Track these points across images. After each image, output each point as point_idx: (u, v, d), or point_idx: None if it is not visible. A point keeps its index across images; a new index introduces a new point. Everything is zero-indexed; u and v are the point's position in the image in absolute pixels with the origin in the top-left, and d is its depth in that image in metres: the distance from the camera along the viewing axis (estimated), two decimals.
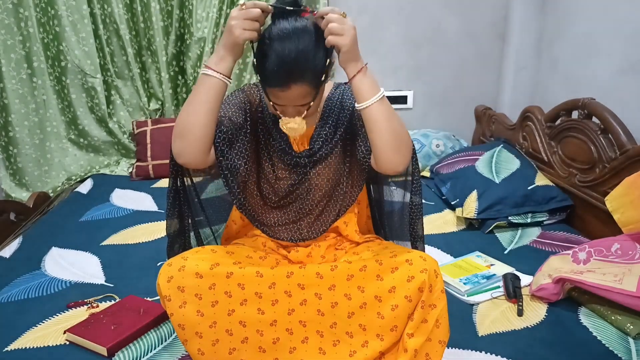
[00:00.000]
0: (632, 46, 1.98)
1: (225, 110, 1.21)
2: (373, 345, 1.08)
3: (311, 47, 1.05)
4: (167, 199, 1.32)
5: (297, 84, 1.06)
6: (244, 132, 1.22)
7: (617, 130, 1.78)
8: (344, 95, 1.27)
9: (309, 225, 1.28)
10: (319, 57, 1.06)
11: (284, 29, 1.05)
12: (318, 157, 1.24)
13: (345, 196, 1.28)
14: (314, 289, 1.10)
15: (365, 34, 2.88)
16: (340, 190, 1.28)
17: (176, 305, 1.06)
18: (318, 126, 1.25)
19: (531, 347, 1.28)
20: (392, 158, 1.13)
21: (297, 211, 1.27)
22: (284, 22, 1.06)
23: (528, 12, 2.70)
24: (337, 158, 1.26)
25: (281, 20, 1.06)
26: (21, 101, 2.68)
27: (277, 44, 1.04)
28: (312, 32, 1.06)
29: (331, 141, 1.25)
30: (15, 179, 2.77)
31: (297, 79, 1.05)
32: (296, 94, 1.08)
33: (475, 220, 2.03)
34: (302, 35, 1.04)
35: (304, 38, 1.04)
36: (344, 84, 1.30)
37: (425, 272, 1.05)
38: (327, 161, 1.25)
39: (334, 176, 1.27)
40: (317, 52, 1.06)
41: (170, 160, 1.27)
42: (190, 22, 2.76)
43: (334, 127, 1.25)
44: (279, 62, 1.03)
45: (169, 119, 2.87)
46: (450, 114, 3.06)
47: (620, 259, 1.41)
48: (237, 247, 1.27)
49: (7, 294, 1.58)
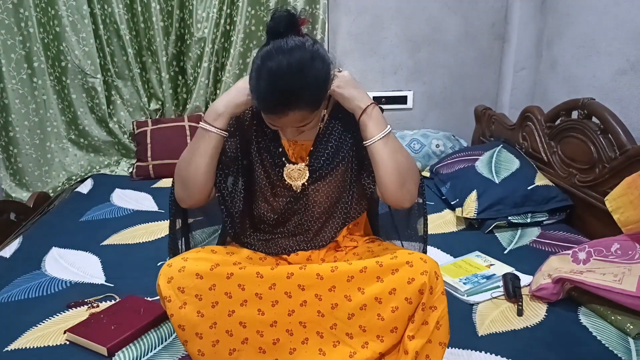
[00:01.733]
0: (632, 46, 1.98)
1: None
2: (373, 347, 1.08)
3: (308, 74, 0.99)
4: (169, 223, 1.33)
5: (293, 111, 1.02)
6: (239, 160, 1.24)
7: (617, 130, 1.78)
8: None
9: (307, 240, 1.28)
10: (318, 83, 1.02)
11: (278, 49, 0.99)
12: (317, 176, 1.22)
13: (347, 213, 1.27)
14: (314, 290, 1.09)
15: (365, 34, 2.89)
16: (340, 207, 1.27)
17: (176, 306, 1.07)
18: (319, 141, 1.23)
19: (531, 347, 1.28)
20: (397, 193, 1.14)
21: (295, 227, 1.27)
22: (280, 42, 1.00)
23: (528, 13, 2.70)
24: (339, 175, 1.24)
25: (278, 40, 1.01)
26: (21, 101, 2.68)
27: (272, 70, 0.98)
28: (308, 54, 1.00)
29: (332, 160, 1.22)
30: (16, 179, 2.77)
31: (293, 106, 1.01)
32: (293, 120, 1.05)
33: (475, 220, 2.03)
34: (298, 60, 0.98)
35: (300, 64, 0.98)
36: None
37: (426, 274, 1.05)
38: (328, 178, 1.23)
39: (334, 193, 1.25)
40: (315, 78, 1.01)
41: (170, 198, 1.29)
42: (190, 23, 2.76)
43: (336, 145, 1.22)
44: (272, 88, 0.99)
45: (169, 119, 2.88)
46: (450, 114, 3.06)
47: (620, 259, 1.41)
48: (237, 248, 1.27)
49: (7, 294, 1.58)
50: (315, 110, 1.06)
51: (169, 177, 2.75)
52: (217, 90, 2.91)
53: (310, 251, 1.28)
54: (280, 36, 1.02)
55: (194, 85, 2.88)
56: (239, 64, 2.84)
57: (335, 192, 1.26)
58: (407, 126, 2.97)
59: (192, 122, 2.84)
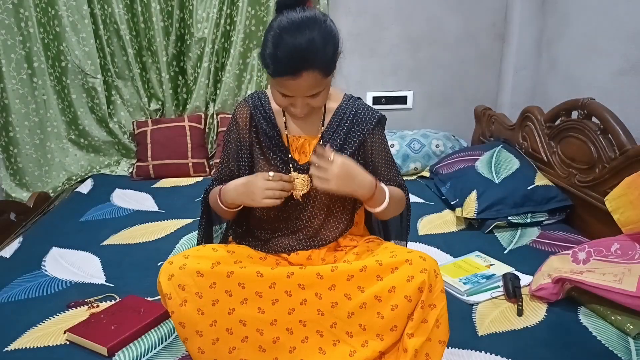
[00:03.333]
0: (632, 46, 1.99)
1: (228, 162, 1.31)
2: (373, 345, 1.08)
3: (321, 35, 1.06)
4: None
5: (308, 72, 1.06)
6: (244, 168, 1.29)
7: (617, 131, 1.78)
8: (358, 112, 1.27)
9: (308, 238, 1.28)
10: (329, 46, 1.08)
11: (293, 18, 1.06)
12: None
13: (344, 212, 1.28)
14: (314, 288, 1.10)
15: (365, 34, 2.89)
16: (339, 206, 1.28)
17: (177, 304, 1.07)
18: (325, 137, 1.25)
19: (531, 347, 1.28)
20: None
21: (295, 223, 1.27)
22: (292, 12, 1.07)
23: (528, 13, 2.70)
24: None
25: (289, 11, 1.08)
26: (21, 101, 2.68)
27: (288, 33, 1.05)
28: (320, 21, 1.07)
29: None
30: (16, 179, 2.77)
31: (308, 67, 1.06)
32: (307, 83, 1.08)
33: (475, 220, 2.03)
34: (311, 25, 1.05)
35: (313, 27, 1.05)
36: (356, 98, 1.31)
37: (425, 272, 1.05)
38: None
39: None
40: (326, 40, 1.07)
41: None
42: (190, 23, 2.77)
43: (341, 144, 1.24)
44: (290, 51, 1.04)
45: (169, 119, 2.88)
46: (450, 114, 3.06)
47: (620, 259, 1.41)
48: (238, 247, 1.27)
49: (7, 294, 1.58)
50: (327, 75, 1.10)
51: (169, 177, 2.75)
52: (217, 90, 2.91)
53: (311, 250, 1.28)
54: (290, 8, 1.08)
55: (194, 85, 2.88)
56: (239, 64, 2.84)
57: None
58: (407, 126, 2.97)
59: (192, 122, 2.85)
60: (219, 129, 2.90)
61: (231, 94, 2.89)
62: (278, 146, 1.25)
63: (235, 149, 1.30)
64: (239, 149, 1.29)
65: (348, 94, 1.31)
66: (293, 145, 1.26)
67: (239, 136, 1.29)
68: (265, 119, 1.26)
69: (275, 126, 1.26)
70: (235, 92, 2.90)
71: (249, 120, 1.27)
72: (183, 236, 1.97)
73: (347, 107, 1.27)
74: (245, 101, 1.30)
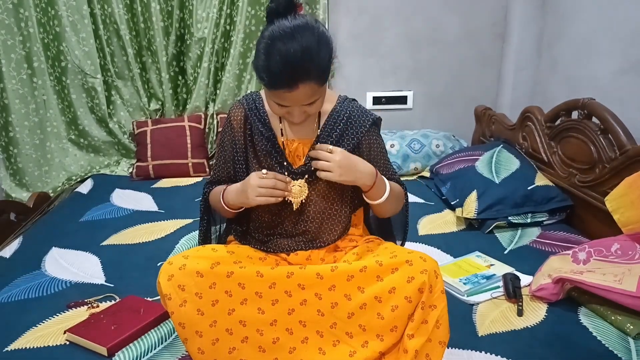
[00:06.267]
0: (632, 46, 1.98)
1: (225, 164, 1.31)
2: (373, 346, 1.08)
3: (314, 43, 1.03)
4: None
5: (304, 83, 1.04)
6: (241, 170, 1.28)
7: (617, 130, 1.78)
8: (352, 114, 1.26)
9: (306, 241, 1.28)
10: (324, 54, 1.06)
11: (284, 27, 1.03)
12: (314, 178, 1.22)
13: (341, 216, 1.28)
14: (314, 289, 1.10)
15: (365, 34, 2.89)
16: (336, 209, 1.28)
17: (176, 304, 1.07)
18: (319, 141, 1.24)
19: (531, 347, 1.28)
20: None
21: (292, 227, 1.27)
22: (283, 21, 1.05)
23: (528, 12, 2.70)
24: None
25: (280, 20, 1.06)
26: (21, 101, 2.68)
27: (280, 43, 1.02)
28: (313, 28, 1.05)
29: None
30: (16, 179, 2.77)
31: (304, 78, 1.04)
32: (303, 94, 1.07)
33: (475, 221, 2.03)
34: (304, 33, 1.03)
35: (306, 35, 1.03)
36: (350, 100, 1.30)
37: (425, 272, 1.05)
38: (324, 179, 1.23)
39: (331, 194, 1.26)
40: (320, 48, 1.05)
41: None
42: (190, 23, 2.77)
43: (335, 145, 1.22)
44: (284, 63, 1.02)
45: (169, 119, 2.88)
46: (450, 114, 3.06)
47: (620, 259, 1.41)
48: (238, 247, 1.27)
49: (7, 294, 1.58)
50: (323, 83, 1.09)
51: (168, 177, 2.75)
52: (217, 90, 2.91)
53: (310, 251, 1.27)
54: (281, 16, 1.06)
55: (194, 85, 2.88)
56: (239, 64, 2.84)
57: (331, 194, 1.26)
58: (407, 126, 2.96)
59: (192, 122, 2.85)
60: (219, 129, 2.90)
61: (231, 94, 2.89)
62: (274, 148, 1.24)
63: (231, 150, 1.29)
64: (234, 150, 1.29)
65: (343, 96, 1.30)
66: (287, 149, 1.25)
67: (233, 138, 1.28)
68: (261, 121, 1.25)
69: (270, 129, 1.25)
70: (235, 92, 2.90)
71: (244, 121, 1.27)
72: (183, 236, 1.97)
73: (341, 109, 1.26)
74: (239, 102, 1.29)
